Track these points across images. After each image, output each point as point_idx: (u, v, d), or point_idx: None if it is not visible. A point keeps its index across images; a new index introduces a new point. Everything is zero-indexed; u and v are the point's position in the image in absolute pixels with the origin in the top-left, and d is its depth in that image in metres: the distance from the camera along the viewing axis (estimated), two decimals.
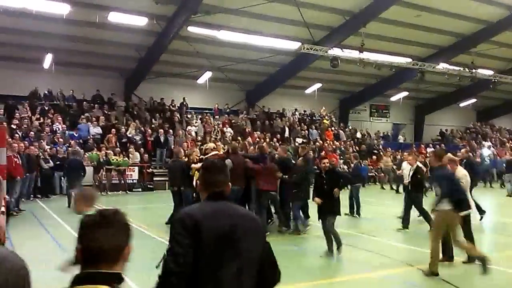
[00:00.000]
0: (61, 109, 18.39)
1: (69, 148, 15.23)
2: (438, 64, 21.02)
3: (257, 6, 15.57)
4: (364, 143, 23.10)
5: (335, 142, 22.20)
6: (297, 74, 21.71)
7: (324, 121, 23.85)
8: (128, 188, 16.04)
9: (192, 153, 9.49)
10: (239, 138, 19.39)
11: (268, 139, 19.92)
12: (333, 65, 18.20)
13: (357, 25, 17.47)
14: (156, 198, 14.36)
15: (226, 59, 20.03)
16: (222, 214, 1.96)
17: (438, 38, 20.60)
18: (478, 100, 29.19)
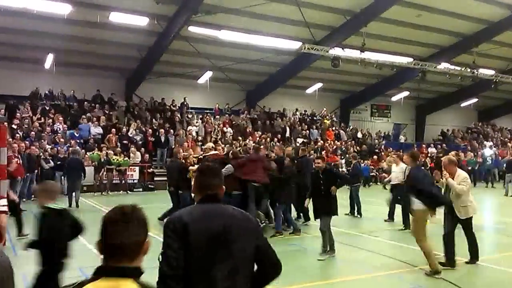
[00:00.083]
0: (62, 109, 18.40)
1: (70, 148, 15.24)
2: (439, 64, 20.98)
3: (258, 6, 15.57)
4: (365, 143, 23.06)
5: (336, 142, 22.17)
6: (298, 74, 21.69)
7: (325, 121, 23.83)
8: (129, 188, 16.03)
9: (189, 156, 9.40)
10: (240, 138, 19.39)
11: (269, 139, 19.93)
12: (334, 65, 18.17)
13: (358, 25, 17.44)
14: (157, 198, 14.34)
15: (227, 59, 20.02)
16: (214, 216, 1.99)
17: (439, 38, 20.56)
18: (480, 100, 29.13)
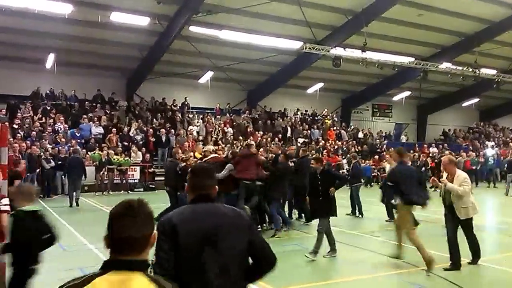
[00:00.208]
0: (63, 109, 18.42)
1: (71, 148, 15.25)
2: (441, 64, 20.93)
3: (259, 6, 15.54)
4: (366, 143, 23.02)
5: (337, 142, 22.13)
6: (299, 74, 21.66)
7: (326, 121, 23.80)
8: (130, 188, 16.03)
9: (189, 158, 9.37)
10: (241, 138, 19.37)
11: (270, 139, 19.90)
12: (336, 65, 18.13)
13: (360, 25, 17.40)
14: (158, 198, 14.28)
15: (228, 59, 20.00)
16: (205, 216, 2.04)
17: (441, 38, 20.51)
18: (481, 100, 29.05)
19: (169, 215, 2.04)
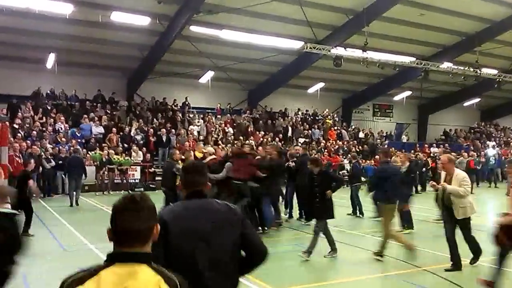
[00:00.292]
0: (64, 109, 18.42)
1: (71, 148, 15.26)
2: (442, 63, 20.89)
3: (260, 5, 15.52)
4: (367, 143, 22.98)
5: (338, 142, 22.11)
6: (300, 74, 21.62)
7: (327, 121, 23.78)
8: (130, 188, 16.00)
9: (189, 157, 9.33)
10: (241, 138, 19.35)
11: (270, 139, 19.88)
12: (336, 64, 18.10)
13: (360, 24, 17.36)
14: (158, 198, 14.28)
15: (229, 59, 19.98)
16: (198, 212, 2.08)
17: (442, 37, 20.47)
18: (482, 100, 29.01)
19: (160, 213, 2.05)
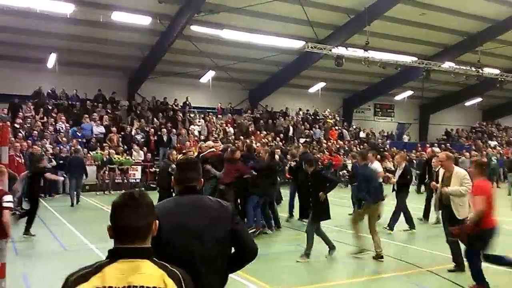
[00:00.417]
0: (65, 109, 18.42)
1: (72, 148, 15.25)
2: (444, 63, 20.84)
3: (260, 5, 15.49)
4: (368, 142, 22.94)
5: (339, 142, 22.07)
6: (301, 73, 21.58)
7: (328, 120, 23.74)
8: (131, 187, 15.99)
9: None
10: (242, 138, 19.33)
11: (271, 139, 19.85)
12: (338, 64, 18.06)
13: (362, 24, 17.32)
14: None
15: (229, 58, 19.96)
16: (190, 208, 2.10)
17: (444, 37, 20.42)
18: (484, 99, 28.94)
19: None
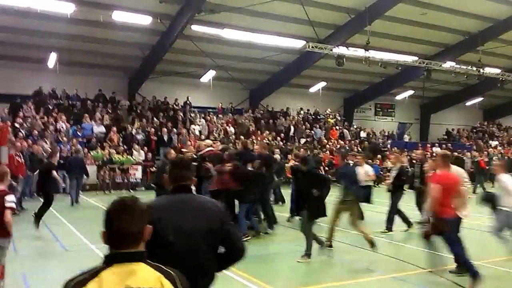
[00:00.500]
0: (65, 108, 18.42)
1: (73, 148, 15.24)
2: (445, 63, 20.79)
3: (261, 5, 15.48)
4: (370, 142, 22.91)
5: (340, 141, 22.04)
6: (302, 73, 21.55)
7: (329, 120, 23.71)
8: (132, 187, 15.99)
9: (185, 155, 9.23)
10: (242, 137, 19.31)
11: (271, 138, 19.82)
12: (339, 64, 18.04)
13: (363, 23, 17.29)
14: None
15: (230, 58, 19.94)
16: (181, 205, 2.15)
17: (445, 36, 20.38)
18: (485, 99, 28.88)
19: (146, 203, 2.15)
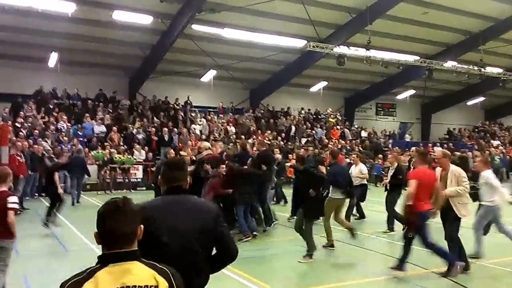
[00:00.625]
0: (66, 108, 18.42)
1: (73, 147, 15.24)
2: (446, 62, 20.76)
3: (262, 4, 15.46)
4: (371, 141, 22.87)
5: (341, 141, 22.01)
6: (302, 72, 21.53)
7: (330, 120, 23.67)
8: (132, 187, 15.99)
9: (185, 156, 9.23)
10: (243, 137, 19.29)
11: (272, 138, 19.79)
12: (340, 63, 18.01)
13: (364, 23, 17.26)
14: None
15: (231, 57, 19.92)
16: (174, 206, 2.16)
17: (446, 36, 20.33)
18: (486, 99, 28.82)
19: (141, 204, 2.13)
